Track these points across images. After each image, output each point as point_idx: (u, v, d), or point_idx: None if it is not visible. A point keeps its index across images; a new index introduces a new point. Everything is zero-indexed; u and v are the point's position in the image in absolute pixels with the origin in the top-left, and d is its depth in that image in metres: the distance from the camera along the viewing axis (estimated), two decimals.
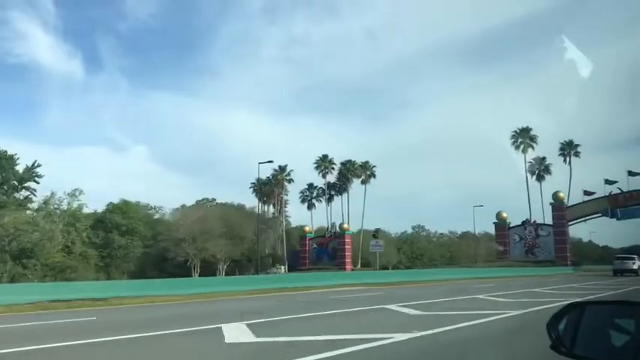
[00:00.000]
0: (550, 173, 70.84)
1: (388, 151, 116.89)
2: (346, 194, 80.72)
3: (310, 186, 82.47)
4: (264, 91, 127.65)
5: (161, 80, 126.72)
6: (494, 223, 65.22)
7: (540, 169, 70.39)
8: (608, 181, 59.77)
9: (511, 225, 64.89)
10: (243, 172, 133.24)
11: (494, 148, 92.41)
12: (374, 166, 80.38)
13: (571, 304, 2.50)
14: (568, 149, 68.79)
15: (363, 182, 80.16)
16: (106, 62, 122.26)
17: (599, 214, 59.93)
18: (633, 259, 44.84)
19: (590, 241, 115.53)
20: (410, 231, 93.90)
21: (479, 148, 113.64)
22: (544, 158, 70.86)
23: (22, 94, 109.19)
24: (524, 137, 67.08)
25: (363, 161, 79.85)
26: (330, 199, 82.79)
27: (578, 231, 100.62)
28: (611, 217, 58.98)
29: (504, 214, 64.62)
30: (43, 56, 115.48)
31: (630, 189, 58.31)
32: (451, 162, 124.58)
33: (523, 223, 63.91)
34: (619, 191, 59.10)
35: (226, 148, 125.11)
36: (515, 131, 67.38)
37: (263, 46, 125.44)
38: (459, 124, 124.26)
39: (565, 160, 69.16)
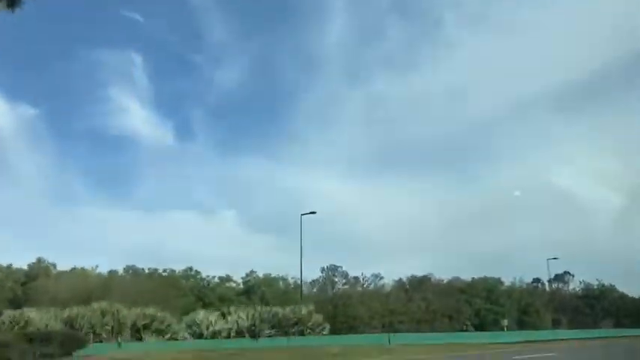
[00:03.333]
0: None
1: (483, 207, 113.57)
2: None
3: None
4: (346, 153, 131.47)
5: (246, 146, 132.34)
6: None
7: None
8: None
9: None
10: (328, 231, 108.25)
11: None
12: None
13: None
14: None
15: None
16: (196, 131, 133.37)
17: None
18: None
19: None
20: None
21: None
22: None
23: (120, 164, 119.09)
24: None
25: None
26: None
27: None
28: None
29: None
30: (139, 128, 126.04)
31: None
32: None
33: None
34: None
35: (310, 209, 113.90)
36: None
37: (344, 109, 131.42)
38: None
39: None
